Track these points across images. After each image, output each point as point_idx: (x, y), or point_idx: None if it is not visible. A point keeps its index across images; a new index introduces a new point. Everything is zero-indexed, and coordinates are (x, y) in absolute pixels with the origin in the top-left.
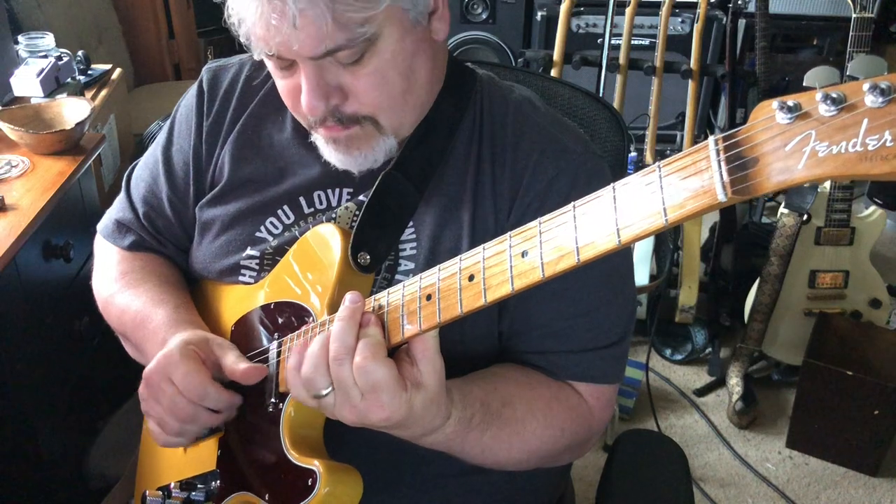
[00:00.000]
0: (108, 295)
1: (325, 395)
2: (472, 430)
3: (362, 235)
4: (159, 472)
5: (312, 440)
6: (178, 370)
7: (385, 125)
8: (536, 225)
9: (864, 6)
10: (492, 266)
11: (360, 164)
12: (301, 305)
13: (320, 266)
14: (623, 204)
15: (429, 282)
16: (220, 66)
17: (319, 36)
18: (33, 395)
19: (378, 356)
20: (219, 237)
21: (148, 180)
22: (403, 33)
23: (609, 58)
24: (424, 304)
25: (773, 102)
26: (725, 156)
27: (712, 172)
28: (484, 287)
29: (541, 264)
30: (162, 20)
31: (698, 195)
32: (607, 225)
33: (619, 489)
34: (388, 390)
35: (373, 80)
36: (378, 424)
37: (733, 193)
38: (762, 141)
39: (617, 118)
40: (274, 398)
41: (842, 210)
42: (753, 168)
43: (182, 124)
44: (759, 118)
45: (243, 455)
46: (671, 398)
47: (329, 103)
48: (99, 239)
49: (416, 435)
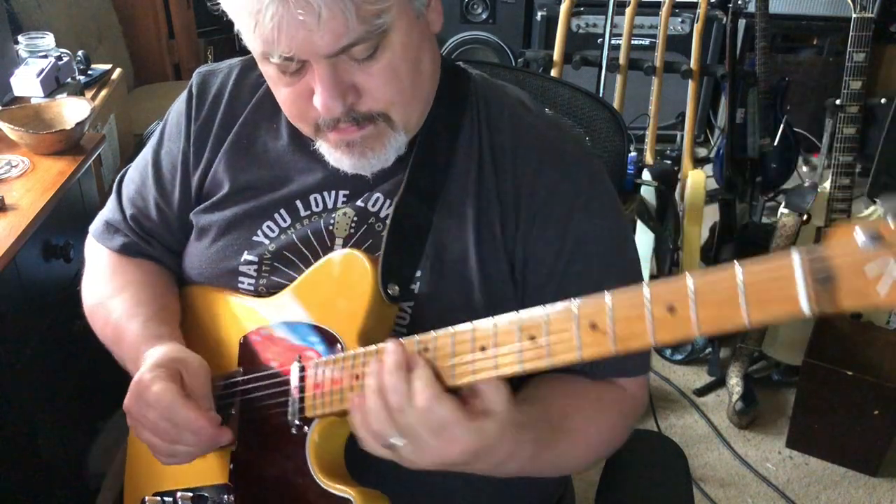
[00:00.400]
0: (93, 302)
1: (397, 445)
2: (541, 452)
3: (389, 265)
4: (158, 477)
5: (337, 465)
6: (150, 392)
7: (397, 120)
8: (605, 297)
9: (864, 6)
10: (556, 332)
11: (373, 166)
12: (328, 331)
13: (348, 293)
14: (703, 298)
15: (483, 333)
16: (209, 71)
17: (343, 29)
18: (33, 396)
19: (436, 395)
20: (215, 242)
21: (137, 182)
22: (410, 25)
23: (609, 58)
24: (479, 354)
25: (856, 228)
26: (810, 270)
27: (797, 285)
28: (548, 351)
29: (613, 338)
30: (162, 20)
31: (782, 304)
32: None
33: (619, 489)
34: (457, 423)
35: (386, 74)
36: (458, 460)
37: (817, 306)
38: (845, 263)
39: (617, 118)
40: (298, 421)
41: (842, 210)
42: (835, 285)
43: (172, 127)
44: (841, 240)
45: (261, 474)
46: (671, 398)
47: (346, 102)
48: (90, 240)
49: (498, 462)
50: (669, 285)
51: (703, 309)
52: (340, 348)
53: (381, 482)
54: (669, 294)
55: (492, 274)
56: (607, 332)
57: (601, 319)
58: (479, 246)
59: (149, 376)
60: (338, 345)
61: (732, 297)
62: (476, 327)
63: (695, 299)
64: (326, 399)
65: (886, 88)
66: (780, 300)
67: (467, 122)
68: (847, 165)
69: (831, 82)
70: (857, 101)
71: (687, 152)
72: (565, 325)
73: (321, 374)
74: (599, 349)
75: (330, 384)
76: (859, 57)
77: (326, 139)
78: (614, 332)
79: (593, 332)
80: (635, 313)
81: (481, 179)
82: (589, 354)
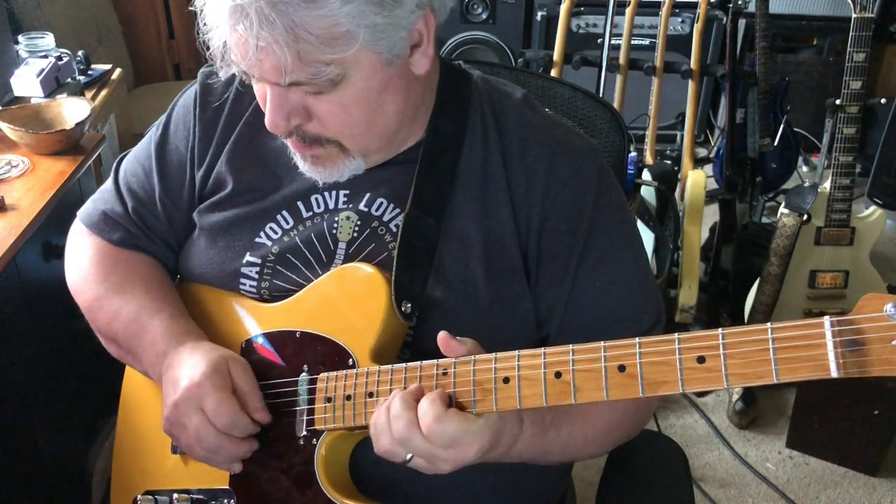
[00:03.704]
0: (93, 297)
1: (410, 460)
2: (549, 428)
3: (401, 283)
4: (151, 475)
5: (344, 478)
6: (210, 399)
7: (350, 148)
8: (636, 344)
9: (864, 6)
10: (582, 370)
11: (326, 178)
12: (339, 345)
13: (361, 309)
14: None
15: (505, 364)
16: (213, 71)
17: (280, 69)
18: (33, 396)
19: (441, 417)
20: (217, 242)
21: (140, 175)
22: (372, 73)
23: (609, 58)
24: (500, 386)
25: (888, 304)
26: (840, 338)
27: (826, 350)
28: (574, 388)
29: (641, 384)
30: (162, 20)
31: (811, 367)
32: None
33: (620, 489)
34: (465, 432)
35: (335, 111)
36: (476, 458)
37: (843, 370)
38: (873, 335)
39: (617, 118)
40: (306, 432)
41: (842, 210)
42: (862, 352)
43: (179, 124)
44: (870, 312)
45: (264, 482)
46: (671, 398)
47: (290, 123)
48: (79, 228)
49: (506, 448)
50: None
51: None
52: (352, 363)
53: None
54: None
55: (499, 274)
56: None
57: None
58: (487, 247)
59: (208, 380)
60: (350, 360)
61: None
62: (498, 357)
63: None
64: (338, 414)
65: (886, 88)
66: (809, 361)
67: (472, 125)
68: (847, 165)
69: (831, 82)
70: (857, 101)
71: (687, 152)
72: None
73: (333, 388)
74: (626, 391)
75: (343, 400)
76: (859, 57)
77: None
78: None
79: (621, 374)
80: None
81: (489, 181)
82: (616, 395)
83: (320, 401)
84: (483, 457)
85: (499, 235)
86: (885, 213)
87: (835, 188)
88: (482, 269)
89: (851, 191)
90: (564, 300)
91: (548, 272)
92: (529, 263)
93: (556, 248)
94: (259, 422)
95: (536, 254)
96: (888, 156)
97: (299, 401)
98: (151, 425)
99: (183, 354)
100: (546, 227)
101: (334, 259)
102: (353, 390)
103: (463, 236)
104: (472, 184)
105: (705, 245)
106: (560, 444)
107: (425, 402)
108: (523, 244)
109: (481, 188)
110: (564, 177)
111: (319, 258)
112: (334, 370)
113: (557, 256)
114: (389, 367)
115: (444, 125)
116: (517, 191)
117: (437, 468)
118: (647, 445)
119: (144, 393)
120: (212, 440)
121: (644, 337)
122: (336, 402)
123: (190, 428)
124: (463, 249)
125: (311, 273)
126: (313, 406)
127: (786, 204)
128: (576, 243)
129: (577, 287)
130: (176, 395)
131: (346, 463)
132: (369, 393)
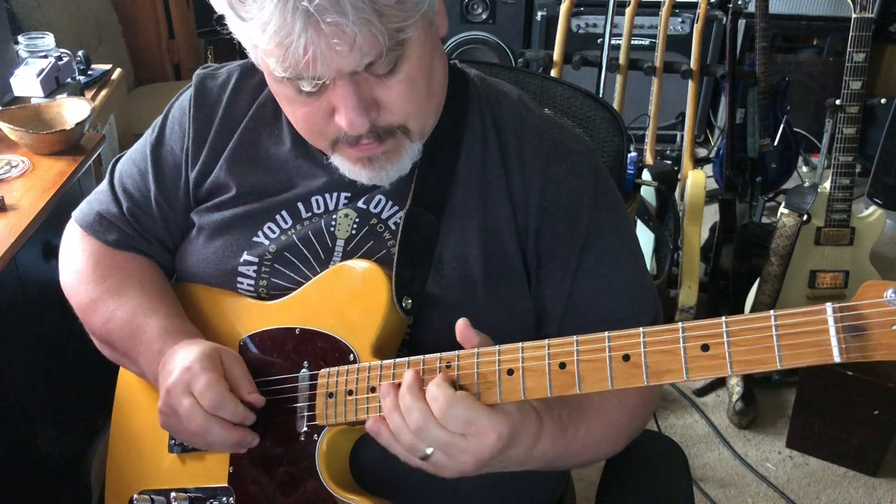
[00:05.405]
0: (88, 299)
1: (431, 454)
2: (567, 427)
3: (402, 279)
4: (147, 475)
5: (344, 473)
6: (199, 381)
7: (414, 130)
8: (640, 333)
9: (864, 6)
10: (587, 360)
11: (391, 177)
12: (340, 341)
13: (362, 305)
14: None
15: (509, 356)
16: (210, 73)
17: (372, 48)
18: (33, 396)
19: (450, 397)
20: (214, 242)
21: (135, 176)
22: (426, 34)
23: (609, 58)
24: (505, 377)
25: (888, 290)
26: (842, 324)
27: (829, 336)
28: (578, 378)
29: (645, 373)
30: (162, 20)
31: (814, 353)
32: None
33: (620, 489)
34: (480, 414)
35: (404, 86)
36: (497, 448)
37: (846, 355)
38: (874, 321)
39: (616, 118)
40: (307, 428)
41: (842, 210)
42: (864, 337)
43: (175, 126)
44: (871, 298)
45: (265, 479)
46: (671, 398)
47: (369, 118)
48: (74, 229)
49: (528, 447)
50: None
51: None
52: (353, 359)
53: (379, 486)
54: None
55: (498, 273)
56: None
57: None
58: (486, 245)
59: (198, 364)
60: (351, 355)
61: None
62: (502, 349)
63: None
64: (340, 409)
65: (886, 88)
66: (812, 347)
67: (471, 124)
68: (847, 165)
69: (831, 82)
70: (857, 101)
71: (687, 152)
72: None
73: (334, 383)
74: (631, 380)
75: (344, 395)
76: (859, 57)
77: (344, 154)
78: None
79: (625, 364)
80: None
81: (488, 180)
82: (620, 385)
83: (321, 396)
84: (505, 452)
85: (498, 235)
86: (885, 213)
87: (835, 188)
88: (481, 268)
89: (851, 191)
90: (564, 301)
91: (547, 273)
92: (529, 263)
93: (554, 249)
94: (252, 404)
95: (535, 254)
96: (888, 156)
97: (300, 397)
98: (146, 425)
99: (178, 351)
100: (544, 228)
101: (332, 257)
102: (356, 385)
103: (462, 234)
104: (471, 183)
105: (705, 245)
106: (579, 444)
107: (433, 387)
108: (522, 244)
109: (480, 188)
110: (561, 178)
111: (318, 256)
112: (335, 366)
113: (556, 257)
114: (392, 361)
115: (444, 123)
116: (516, 191)
117: (459, 463)
118: (647, 445)
119: (138, 393)
120: (199, 421)
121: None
122: (338, 398)
123: (181, 412)
124: (462, 247)
125: (310, 271)
126: (314, 402)
127: (786, 204)
128: (574, 244)
129: (577, 288)
130: (167, 382)
131: (346, 458)
132: (371, 388)
